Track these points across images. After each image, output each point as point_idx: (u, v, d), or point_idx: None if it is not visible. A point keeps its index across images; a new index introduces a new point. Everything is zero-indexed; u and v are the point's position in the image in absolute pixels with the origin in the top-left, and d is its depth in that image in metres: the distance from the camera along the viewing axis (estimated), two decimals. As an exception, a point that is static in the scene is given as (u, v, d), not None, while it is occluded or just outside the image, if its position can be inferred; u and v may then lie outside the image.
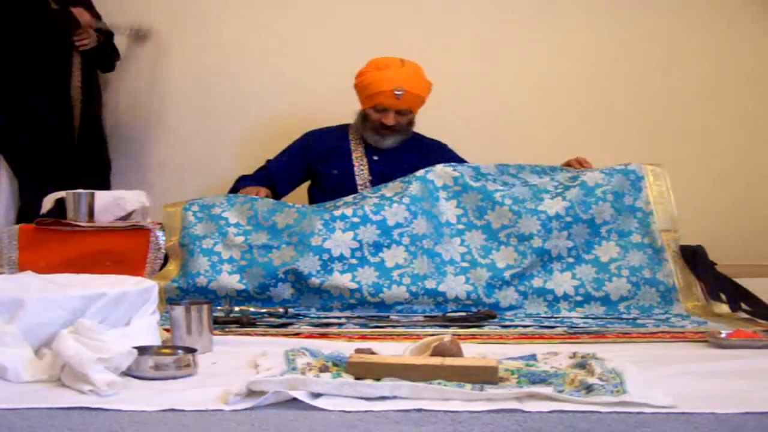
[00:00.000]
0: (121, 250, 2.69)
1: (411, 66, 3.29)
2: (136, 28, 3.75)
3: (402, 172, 2.97)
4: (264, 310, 2.45)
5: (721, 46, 3.90)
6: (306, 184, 3.42)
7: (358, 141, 3.36)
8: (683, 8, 3.90)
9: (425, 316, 2.49)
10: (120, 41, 3.78)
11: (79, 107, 3.52)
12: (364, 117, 3.32)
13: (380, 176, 3.25)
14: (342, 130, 3.41)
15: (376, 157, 3.32)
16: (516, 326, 2.37)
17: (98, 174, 3.59)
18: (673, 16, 3.90)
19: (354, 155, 3.33)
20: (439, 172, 2.77)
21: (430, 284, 2.55)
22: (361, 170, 3.30)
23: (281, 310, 2.47)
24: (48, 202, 2.83)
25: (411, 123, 3.33)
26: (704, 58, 3.90)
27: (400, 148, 3.35)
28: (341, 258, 2.57)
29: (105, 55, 3.68)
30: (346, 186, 3.22)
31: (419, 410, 1.43)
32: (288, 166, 3.36)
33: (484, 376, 1.55)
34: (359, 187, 3.24)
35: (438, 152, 3.38)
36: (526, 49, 3.93)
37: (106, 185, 3.59)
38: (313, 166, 3.36)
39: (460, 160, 3.27)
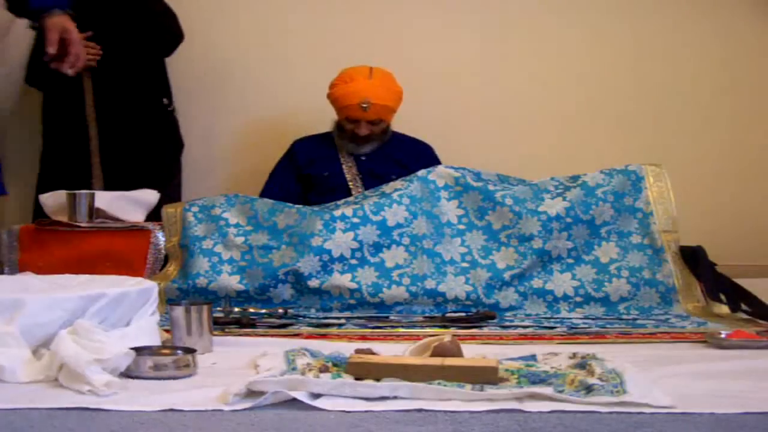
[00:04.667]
0: (121, 250, 2.69)
1: (379, 76, 3.36)
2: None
3: (390, 169, 3.11)
4: (264, 311, 2.46)
5: (722, 46, 3.90)
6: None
7: (343, 145, 3.46)
8: (684, 7, 3.90)
9: (425, 317, 2.49)
10: None
11: (94, 125, 3.40)
12: (339, 127, 3.43)
13: (369, 174, 3.34)
14: (327, 137, 3.50)
15: (363, 157, 3.40)
16: (516, 327, 2.37)
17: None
18: (674, 15, 3.90)
19: (341, 157, 3.40)
20: (441, 173, 2.78)
21: (429, 284, 2.55)
22: (350, 169, 3.37)
23: (281, 310, 2.47)
24: (49, 201, 2.83)
25: (385, 130, 3.42)
26: (705, 58, 3.90)
27: (385, 147, 3.43)
28: (341, 259, 2.57)
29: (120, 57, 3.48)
30: (337, 187, 3.29)
31: (419, 410, 1.43)
32: (281, 188, 3.38)
33: (484, 376, 1.55)
34: (350, 184, 3.33)
35: (421, 153, 3.48)
36: (526, 48, 3.93)
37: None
38: (303, 171, 3.44)
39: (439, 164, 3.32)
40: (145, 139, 3.51)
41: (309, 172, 3.41)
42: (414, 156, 3.43)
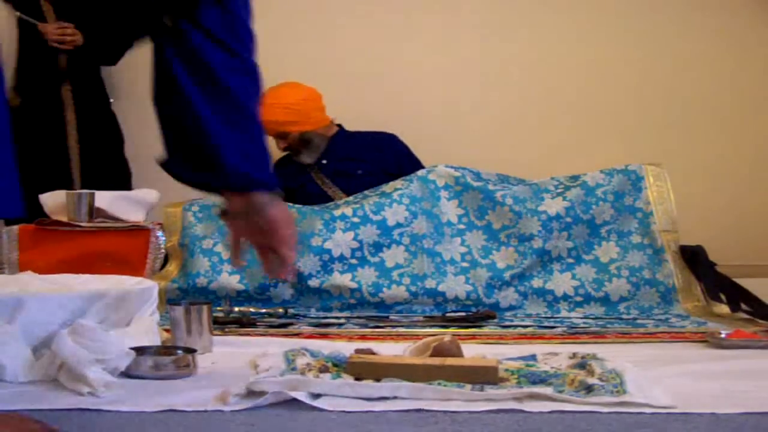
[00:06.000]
0: (122, 250, 2.69)
1: (268, 95, 3.41)
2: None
3: (352, 165, 3.31)
4: (264, 311, 2.46)
5: (723, 46, 3.90)
6: None
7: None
8: (684, 9, 3.90)
9: (425, 317, 2.49)
10: None
11: (76, 148, 3.41)
12: None
13: (336, 175, 3.43)
14: None
15: (324, 161, 3.47)
16: (516, 326, 2.37)
17: None
18: (674, 16, 3.90)
19: (308, 167, 3.49)
20: (441, 172, 2.78)
21: (429, 284, 2.55)
22: (318, 176, 3.47)
23: (281, 310, 2.47)
24: (49, 201, 2.83)
25: (304, 140, 3.46)
26: (705, 58, 3.90)
27: (341, 147, 3.51)
28: (341, 258, 2.57)
29: (99, 48, 3.51)
30: (316, 194, 3.37)
31: (419, 410, 1.43)
32: None
33: (484, 376, 1.55)
34: (324, 188, 3.41)
35: (380, 142, 3.54)
36: (526, 48, 3.93)
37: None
38: (287, 186, 3.52)
39: (406, 149, 3.51)
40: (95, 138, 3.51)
41: (290, 186, 3.52)
42: (373, 147, 3.50)
